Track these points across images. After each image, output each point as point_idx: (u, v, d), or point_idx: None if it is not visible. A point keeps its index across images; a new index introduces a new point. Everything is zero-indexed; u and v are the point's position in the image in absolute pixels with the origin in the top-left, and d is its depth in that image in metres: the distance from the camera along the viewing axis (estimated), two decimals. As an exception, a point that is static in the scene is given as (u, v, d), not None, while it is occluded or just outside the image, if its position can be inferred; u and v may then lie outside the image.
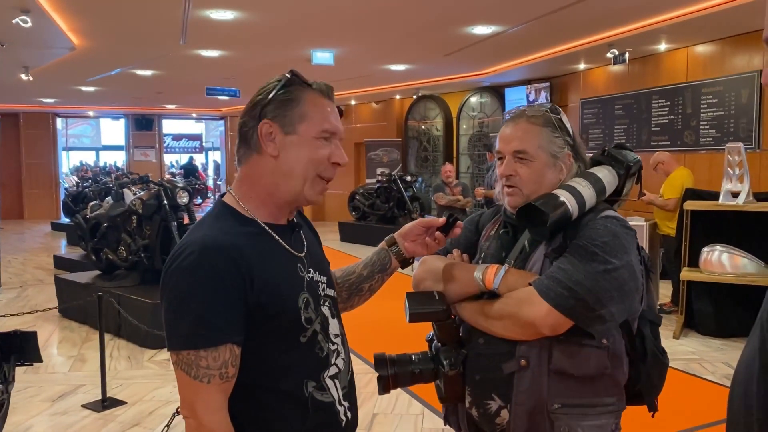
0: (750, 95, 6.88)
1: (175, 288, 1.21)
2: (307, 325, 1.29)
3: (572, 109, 9.89)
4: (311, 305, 1.31)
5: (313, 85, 1.32)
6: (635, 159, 1.57)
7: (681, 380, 4.38)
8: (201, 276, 1.19)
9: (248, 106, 1.31)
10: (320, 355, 1.32)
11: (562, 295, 1.36)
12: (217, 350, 1.18)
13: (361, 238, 10.95)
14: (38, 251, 11.14)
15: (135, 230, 6.11)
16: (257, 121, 1.28)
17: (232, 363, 1.20)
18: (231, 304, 1.20)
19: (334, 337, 1.37)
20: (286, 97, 1.29)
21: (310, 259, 1.37)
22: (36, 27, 6.40)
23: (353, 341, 5.39)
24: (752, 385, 0.83)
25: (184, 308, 1.19)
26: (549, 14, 6.37)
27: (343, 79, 10.95)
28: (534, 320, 1.37)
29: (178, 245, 1.25)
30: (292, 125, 1.28)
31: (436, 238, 1.55)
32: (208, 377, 1.18)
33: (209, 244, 1.22)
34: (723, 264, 5.15)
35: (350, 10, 6.37)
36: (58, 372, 4.74)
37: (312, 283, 1.34)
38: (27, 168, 16.87)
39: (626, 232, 1.44)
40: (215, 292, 1.19)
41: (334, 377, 1.33)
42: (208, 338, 1.18)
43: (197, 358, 1.18)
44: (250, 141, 1.29)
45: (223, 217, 1.30)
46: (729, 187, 5.19)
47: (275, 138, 1.28)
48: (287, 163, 1.29)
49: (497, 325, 1.43)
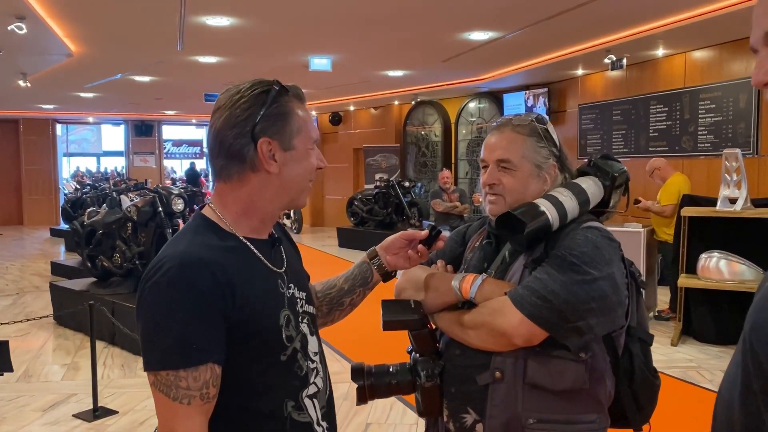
0: (748, 101, 6.86)
1: (153, 305, 1.16)
2: (288, 343, 1.25)
3: (570, 114, 9.88)
4: (292, 322, 1.28)
5: (290, 91, 1.29)
6: (621, 170, 1.53)
7: (679, 389, 4.34)
8: (180, 292, 1.14)
9: (232, 120, 1.24)
10: (299, 373, 1.28)
11: (536, 304, 1.33)
12: (197, 370, 1.13)
13: (359, 243, 10.93)
14: (36, 258, 11.13)
15: (130, 237, 6.09)
16: (251, 138, 1.23)
17: (213, 383, 1.16)
18: (211, 322, 1.15)
19: (314, 355, 1.33)
20: (279, 112, 1.25)
21: (290, 274, 1.33)
22: (32, 34, 6.39)
23: (347, 348, 5.32)
24: (734, 411, 0.80)
25: (162, 326, 1.14)
26: (546, 20, 6.35)
27: (341, 85, 10.96)
28: (506, 330, 1.34)
29: (156, 260, 1.21)
30: (290, 141, 1.26)
31: (419, 251, 1.51)
32: (189, 398, 1.13)
33: (188, 259, 1.17)
34: (721, 271, 5.12)
35: (347, 17, 6.36)
36: (50, 381, 4.71)
37: (292, 299, 1.31)
38: (26, 174, 16.87)
39: (608, 243, 1.40)
40: (195, 309, 1.14)
41: (312, 396, 1.30)
42: (188, 358, 1.13)
43: (177, 378, 1.12)
44: (246, 158, 1.24)
45: (202, 231, 1.26)
46: (726, 193, 5.17)
47: (275, 155, 1.25)
48: (289, 178, 1.27)
49: (471, 334, 1.40)
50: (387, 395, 1.50)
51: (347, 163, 14.95)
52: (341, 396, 4.12)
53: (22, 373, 4.84)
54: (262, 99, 1.24)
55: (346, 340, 5.21)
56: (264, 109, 1.23)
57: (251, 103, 1.24)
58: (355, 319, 1.72)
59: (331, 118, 14.91)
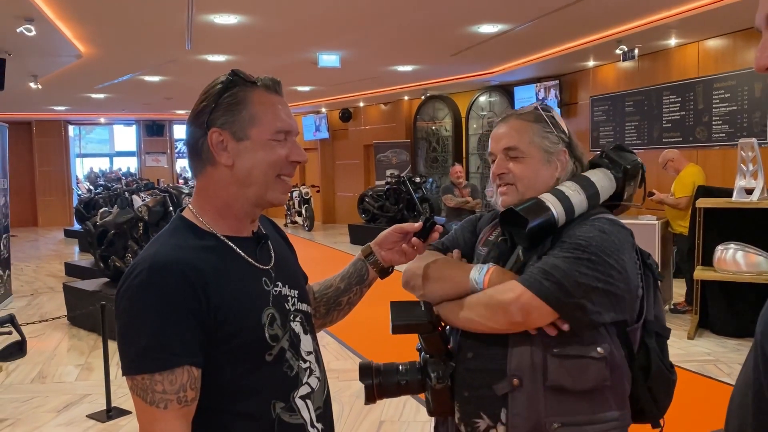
0: (763, 89, 6.75)
1: (126, 309, 1.14)
2: (273, 343, 1.22)
3: (582, 106, 9.78)
4: (277, 321, 1.24)
5: (258, 81, 1.25)
6: (634, 161, 1.48)
7: (696, 383, 4.28)
8: (151, 295, 1.12)
9: (192, 114, 1.24)
10: (289, 374, 1.24)
11: (537, 278, 1.29)
12: (173, 373, 1.11)
13: (371, 240, 10.73)
14: (51, 258, 11.21)
15: (142, 237, 6.10)
16: (205, 130, 1.21)
17: (191, 386, 1.13)
18: (185, 324, 1.12)
19: (307, 355, 1.29)
20: (232, 101, 1.21)
21: (277, 271, 1.30)
22: (41, 35, 6.42)
23: (360, 346, 5.29)
24: (747, 415, 0.77)
25: (135, 330, 1.12)
26: (555, 11, 6.28)
27: (351, 81, 10.92)
28: (503, 301, 1.29)
29: (132, 264, 1.19)
30: (243, 130, 1.21)
31: (414, 245, 1.47)
32: (165, 402, 1.11)
33: (159, 261, 1.15)
34: (738, 262, 5.04)
35: (355, 12, 6.33)
36: (65, 381, 4.73)
37: (279, 297, 1.27)
38: (40, 175, 17.01)
39: (618, 229, 1.35)
40: (167, 311, 1.12)
41: (305, 397, 1.26)
42: (162, 361, 1.11)
43: (152, 382, 1.10)
44: (201, 152, 1.23)
45: (179, 232, 1.23)
46: (742, 183, 5.09)
47: (227, 146, 1.21)
48: (244, 170, 1.22)
49: (470, 313, 1.35)
50: (396, 395, 1.47)
51: (358, 160, 14.92)
52: (354, 394, 4.10)
53: (37, 374, 4.87)
54: (217, 89, 1.22)
55: (357, 337, 5.19)
56: (217, 99, 1.21)
57: (208, 95, 1.23)
58: (366, 317, 1.69)
59: (341, 115, 14.89)
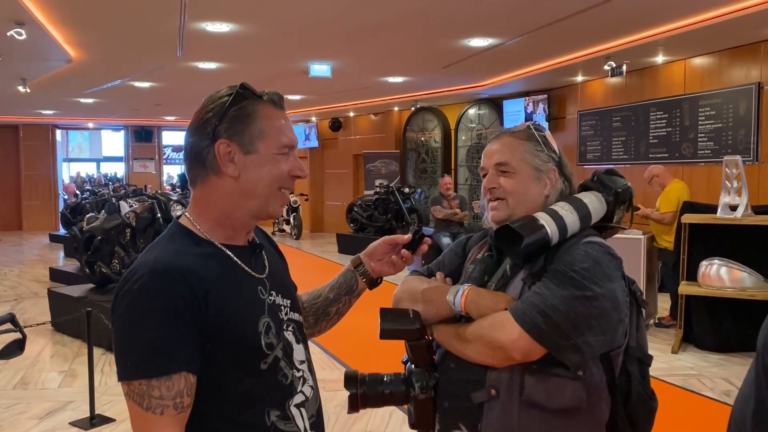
0: (748, 107, 6.85)
1: (124, 314, 1.15)
2: (268, 351, 1.23)
3: (570, 121, 9.87)
4: (272, 330, 1.25)
5: (264, 96, 1.27)
6: (625, 185, 1.51)
7: (680, 397, 4.31)
8: (151, 300, 1.13)
9: (196, 123, 1.25)
10: (284, 382, 1.25)
11: (536, 320, 1.30)
12: (170, 379, 1.11)
13: (359, 249, 10.65)
14: (35, 263, 11.10)
15: (129, 243, 6.07)
16: (212, 140, 1.23)
17: (187, 392, 1.13)
18: (184, 330, 1.13)
19: (300, 364, 1.30)
20: (240, 114, 1.23)
21: (272, 281, 1.31)
22: (31, 39, 6.40)
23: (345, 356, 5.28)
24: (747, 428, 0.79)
25: (134, 335, 1.13)
26: (545, 27, 6.35)
27: (341, 91, 10.95)
28: (505, 344, 1.31)
29: (130, 268, 1.19)
30: (252, 144, 1.23)
31: (403, 256, 1.49)
32: (162, 408, 1.11)
33: (161, 266, 1.16)
34: (722, 278, 5.10)
35: (347, 23, 6.36)
36: (47, 388, 4.68)
37: (273, 306, 1.28)
38: (26, 179, 16.85)
39: (609, 259, 1.37)
40: (167, 317, 1.12)
41: (300, 406, 1.27)
42: (160, 366, 1.11)
43: (149, 388, 1.11)
44: (206, 161, 1.24)
45: (177, 238, 1.24)
46: (727, 200, 5.15)
47: (234, 158, 1.23)
48: (249, 182, 1.23)
49: (470, 348, 1.38)
50: (379, 405, 1.48)
51: (347, 169, 14.94)
52: (340, 404, 4.10)
53: (19, 381, 4.82)
54: (225, 101, 1.23)
55: (343, 347, 5.19)
56: (225, 111, 1.22)
57: (215, 105, 1.24)
58: (353, 327, 1.70)
59: (331, 124, 14.91)
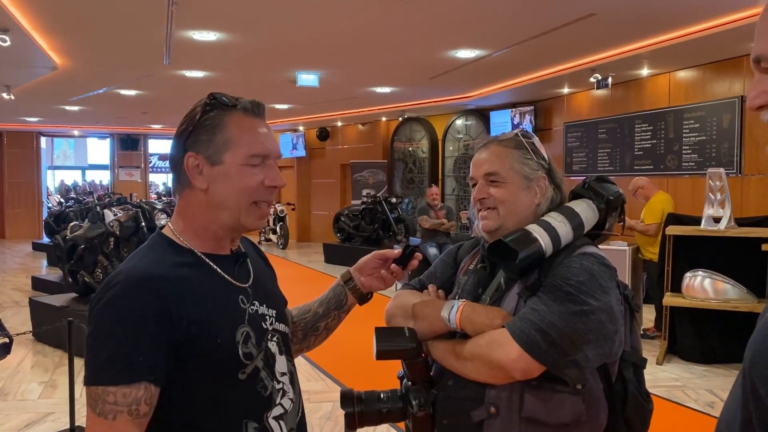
0: (731, 120, 6.93)
1: (95, 321, 1.14)
2: (247, 361, 1.21)
3: (556, 132, 9.94)
4: (252, 339, 1.23)
5: (238, 104, 1.24)
6: (616, 192, 1.51)
7: (663, 408, 4.32)
8: (121, 309, 1.12)
9: (175, 134, 1.25)
10: (263, 393, 1.23)
11: (534, 338, 1.28)
12: (129, 387, 1.09)
13: (346, 259, 10.87)
14: (17, 272, 10.95)
15: (112, 252, 6.01)
16: (183, 152, 1.22)
17: (145, 401, 1.11)
18: (151, 340, 1.11)
19: (281, 375, 1.28)
20: (207, 125, 1.21)
21: (255, 290, 1.29)
22: (16, 46, 6.34)
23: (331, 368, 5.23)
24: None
25: (100, 342, 1.11)
26: (532, 39, 6.40)
27: (329, 101, 10.95)
28: (504, 363, 1.30)
29: (108, 277, 1.19)
30: (218, 155, 1.21)
31: (393, 271, 1.48)
32: (114, 413, 1.09)
33: (134, 275, 1.15)
34: (705, 289, 5.13)
35: (335, 34, 6.37)
36: (27, 399, 4.61)
37: (255, 315, 1.26)
38: (9, 187, 16.66)
39: (604, 270, 1.36)
40: (134, 326, 1.11)
41: (278, 418, 1.25)
42: (119, 375, 1.09)
43: (105, 393, 1.09)
44: (180, 174, 1.23)
45: (158, 248, 1.23)
46: (711, 212, 5.19)
47: (202, 170, 1.21)
48: (217, 195, 1.22)
49: (468, 366, 1.36)
50: (377, 423, 1.46)
51: (334, 179, 14.92)
52: (324, 416, 4.06)
53: (-2, 391, 4.74)
54: (197, 112, 1.22)
55: (329, 359, 5.15)
56: (197, 122, 1.21)
57: (189, 116, 1.23)
58: (339, 340, 1.68)
59: (319, 134, 14.91)
